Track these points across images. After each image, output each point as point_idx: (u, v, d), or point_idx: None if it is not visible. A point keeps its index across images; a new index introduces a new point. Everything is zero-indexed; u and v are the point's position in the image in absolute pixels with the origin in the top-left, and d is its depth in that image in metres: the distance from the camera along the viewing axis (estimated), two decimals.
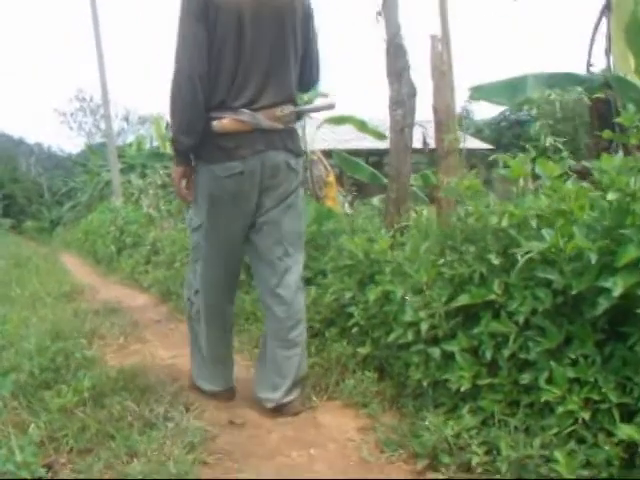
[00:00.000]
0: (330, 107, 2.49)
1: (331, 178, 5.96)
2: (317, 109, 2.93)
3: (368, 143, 10.95)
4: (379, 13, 4.00)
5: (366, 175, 6.10)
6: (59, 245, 14.23)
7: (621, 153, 2.46)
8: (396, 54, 3.90)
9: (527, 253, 1.82)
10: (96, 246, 9.59)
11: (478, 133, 21.17)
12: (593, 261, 1.65)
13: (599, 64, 4.48)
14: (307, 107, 2.66)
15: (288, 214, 2.20)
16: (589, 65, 4.25)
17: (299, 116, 2.22)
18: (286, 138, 2.14)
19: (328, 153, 6.63)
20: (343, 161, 6.38)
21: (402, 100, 3.86)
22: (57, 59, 50.96)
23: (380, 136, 6.40)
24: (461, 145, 3.35)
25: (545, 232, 1.85)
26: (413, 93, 3.98)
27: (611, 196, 1.72)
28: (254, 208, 2.14)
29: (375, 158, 19.47)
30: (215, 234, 2.20)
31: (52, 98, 58.55)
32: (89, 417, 2.12)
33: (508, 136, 21.99)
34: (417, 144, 3.91)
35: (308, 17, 2.19)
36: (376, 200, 5.31)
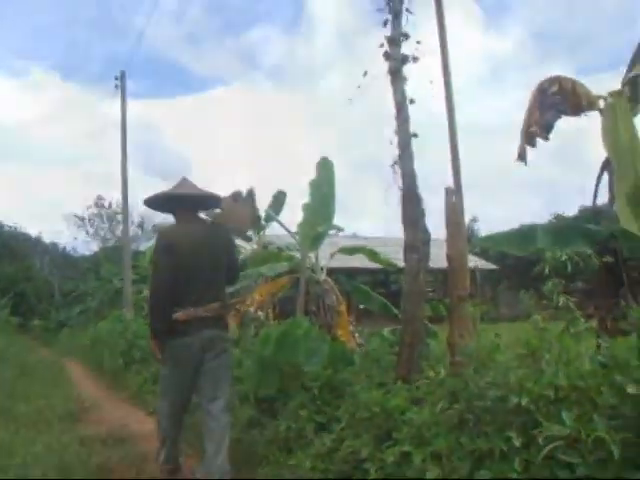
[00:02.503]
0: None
1: (342, 307, 6.05)
2: (238, 302, 5.15)
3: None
4: (395, 163, 4.28)
5: (376, 305, 6.20)
6: (64, 349, 14.13)
7: None
8: (411, 202, 4.12)
9: (548, 438, 1.86)
10: (103, 356, 9.53)
11: (483, 253, 21.54)
12: (616, 455, 1.68)
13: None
14: (231, 301, 4.22)
15: (221, 367, 3.31)
16: (596, 216, 4.45)
17: (224, 307, 3.45)
18: (218, 320, 3.33)
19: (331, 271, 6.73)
20: (354, 290, 6.51)
21: (417, 246, 4.03)
22: (80, 158, 54.27)
23: (391, 265, 6.59)
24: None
25: (565, 415, 1.90)
26: (427, 239, 4.15)
27: (631, 389, 1.79)
28: (199, 363, 3.24)
29: (382, 276, 19.82)
30: (177, 380, 3.29)
31: (72, 199, 61.07)
32: None
33: (512, 256, 22.36)
34: None
35: (231, 246, 3.67)
36: (386, 332, 5.33)
